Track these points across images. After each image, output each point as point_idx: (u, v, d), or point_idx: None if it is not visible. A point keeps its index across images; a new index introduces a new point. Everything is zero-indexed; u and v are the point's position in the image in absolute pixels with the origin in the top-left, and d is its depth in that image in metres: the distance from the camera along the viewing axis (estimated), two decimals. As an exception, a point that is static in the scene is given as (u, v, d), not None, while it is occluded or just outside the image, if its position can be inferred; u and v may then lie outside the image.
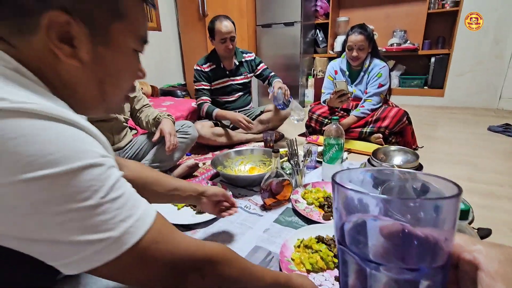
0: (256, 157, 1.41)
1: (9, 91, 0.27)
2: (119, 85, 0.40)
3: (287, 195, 1.05)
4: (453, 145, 1.72)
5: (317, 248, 0.72)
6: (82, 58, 0.34)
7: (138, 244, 0.31)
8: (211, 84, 1.80)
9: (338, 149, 1.13)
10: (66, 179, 0.27)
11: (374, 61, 1.70)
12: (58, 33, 0.31)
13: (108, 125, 1.11)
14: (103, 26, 0.35)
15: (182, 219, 0.95)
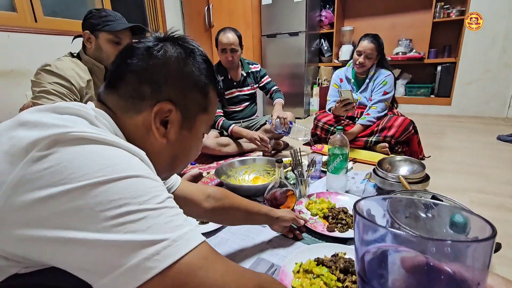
0: (260, 167, 1.40)
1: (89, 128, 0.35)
2: (186, 160, 0.50)
3: (291, 205, 1.04)
4: (461, 155, 1.69)
5: (318, 272, 0.67)
6: (170, 138, 0.43)
7: (191, 254, 0.31)
8: None
9: (343, 159, 1.12)
10: (126, 182, 0.31)
11: (380, 69, 1.71)
12: (161, 117, 0.41)
13: None
14: (192, 115, 0.45)
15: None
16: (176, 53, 0.42)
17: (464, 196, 1.14)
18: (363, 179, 1.32)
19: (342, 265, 0.65)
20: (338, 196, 1.10)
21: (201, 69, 0.44)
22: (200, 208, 0.70)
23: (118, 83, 0.42)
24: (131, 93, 0.41)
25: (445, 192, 1.16)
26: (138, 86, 0.41)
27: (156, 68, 0.41)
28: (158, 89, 0.41)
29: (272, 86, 1.92)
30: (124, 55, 0.42)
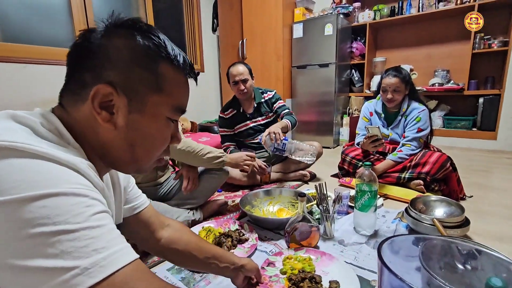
0: (286, 198, 1.39)
1: (24, 137, 0.33)
2: (149, 149, 0.44)
3: (313, 242, 1.00)
4: (509, 197, 1.52)
5: None
6: (118, 123, 0.40)
7: (108, 280, 0.30)
8: (234, 129, 1.87)
9: (371, 196, 1.07)
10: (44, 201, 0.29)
11: (413, 104, 1.65)
12: (100, 101, 0.38)
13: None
14: (141, 97, 0.40)
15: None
16: (115, 34, 0.39)
17: (510, 245, 1.02)
18: (395, 218, 1.24)
19: None
20: (331, 262, 0.89)
21: (145, 45, 0.40)
22: (155, 237, 0.62)
23: (67, 78, 0.41)
24: (75, 83, 0.40)
25: (489, 240, 1.05)
26: (79, 75, 0.39)
27: (93, 52, 0.39)
28: (98, 74, 0.38)
29: (284, 109, 1.85)
30: (69, 52, 0.41)
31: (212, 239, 1.06)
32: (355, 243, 1.05)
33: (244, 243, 1.06)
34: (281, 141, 1.53)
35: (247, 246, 1.04)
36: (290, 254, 0.93)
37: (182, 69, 0.43)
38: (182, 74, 0.44)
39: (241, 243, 1.06)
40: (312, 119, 3.15)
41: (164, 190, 1.29)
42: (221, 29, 3.37)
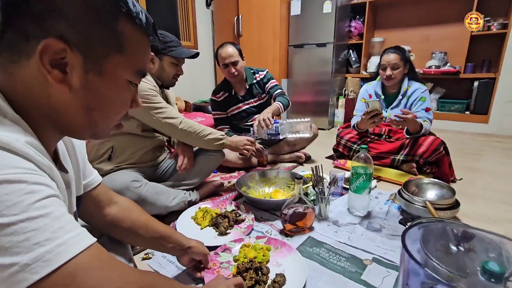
0: (281, 180, 1.40)
1: None
2: (108, 114, 0.40)
3: (308, 223, 1.03)
4: (498, 180, 1.57)
5: None
6: (73, 84, 0.35)
7: (57, 273, 0.28)
8: (227, 112, 1.83)
9: (366, 179, 1.09)
10: None
11: (414, 84, 1.62)
12: (51, 58, 0.33)
13: (150, 142, 1.19)
14: (99, 57, 0.36)
15: (204, 240, 0.96)
16: None
17: (498, 227, 1.06)
18: (387, 200, 1.27)
19: None
20: (289, 254, 0.87)
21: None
22: (102, 214, 0.60)
23: (2, 28, 0.33)
24: (14, 35, 0.33)
25: (477, 221, 1.09)
26: (20, 24, 0.33)
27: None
28: (44, 24, 0.32)
29: (276, 90, 1.76)
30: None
31: (209, 220, 1.08)
32: (349, 223, 1.08)
33: (241, 224, 1.08)
34: (272, 126, 1.48)
35: (243, 226, 1.06)
36: (249, 242, 0.92)
37: (145, 28, 0.39)
38: (144, 34, 0.39)
39: (238, 224, 1.07)
40: (308, 100, 3.13)
41: (161, 170, 1.28)
42: (216, 4, 3.22)
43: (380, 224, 1.08)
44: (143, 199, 0.98)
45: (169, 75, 1.21)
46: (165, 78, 1.21)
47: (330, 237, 0.99)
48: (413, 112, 1.58)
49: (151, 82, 1.13)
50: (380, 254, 0.89)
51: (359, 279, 0.79)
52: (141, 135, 1.16)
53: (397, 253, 0.90)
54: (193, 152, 1.27)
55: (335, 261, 0.87)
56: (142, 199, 0.98)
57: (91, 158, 1.10)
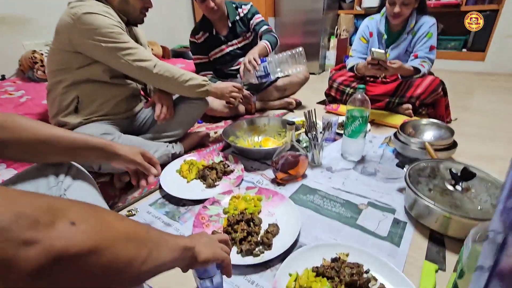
0: (272, 128, 1.31)
1: None
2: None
3: (301, 171, 0.97)
4: (492, 119, 1.54)
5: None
6: None
7: None
8: (209, 55, 1.61)
9: (362, 122, 1.01)
10: None
11: (422, 18, 1.43)
12: None
13: (121, 90, 1.04)
14: None
15: (191, 194, 0.90)
16: None
17: (493, 164, 1.04)
18: (382, 143, 1.23)
19: (348, 278, 0.56)
20: (281, 202, 0.83)
21: None
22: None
23: None
24: None
25: (472, 160, 1.06)
26: None
27: None
28: None
29: (262, 26, 1.53)
30: None
31: (196, 172, 1.01)
32: (342, 169, 1.04)
33: (230, 175, 1.02)
34: (260, 66, 1.30)
35: (232, 178, 1.00)
36: (239, 193, 0.87)
37: None
38: None
39: (227, 175, 1.01)
40: (297, 42, 2.88)
41: (139, 122, 1.16)
42: None
43: (375, 168, 1.04)
44: None
45: (135, 8, 1.00)
46: (131, 11, 1.01)
47: (323, 183, 0.95)
48: (415, 51, 1.45)
49: (114, 17, 0.94)
50: (375, 198, 0.86)
51: (354, 224, 0.76)
52: (110, 83, 1.01)
53: (393, 196, 0.87)
54: (173, 100, 1.14)
55: (330, 207, 0.83)
56: None
57: (56, 110, 0.96)
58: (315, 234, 0.73)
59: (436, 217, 0.68)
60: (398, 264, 0.63)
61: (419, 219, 0.74)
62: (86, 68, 0.95)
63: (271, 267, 0.64)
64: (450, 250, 0.67)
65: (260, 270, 0.64)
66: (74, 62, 0.94)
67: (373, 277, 0.59)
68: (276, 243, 0.69)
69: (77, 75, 0.95)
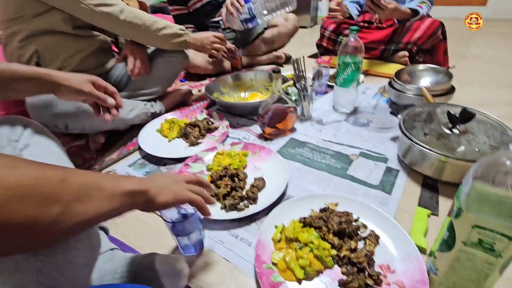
0: (259, 83, 1.23)
1: None
2: None
3: (290, 124, 0.91)
4: (491, 65, 1.46)
5: (305, 240, 0.51)
6: None
7: None
8: (188, 5, 1.44)
9: (355, 69, 0.93)
10: None
11: None
12: None
13: (88, 43, 0.93)
14: None
15: (173, 153, 0.85)
16: None
17: (492, 110, 0.98)
18: (375, 93, 1.16)
19: (337, 226, 0.52)
20: (268, 156, 0.77)
21: None
22: None
23: None
24: None
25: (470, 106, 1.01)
26: None
27: None
28: None
29: None
30: None
31: (177, 130, 0.94)
32: (334, 121, 0.98)
33: (214, 132, 0.95)
34: (244, 8, 1.15)
35: (217, 135, 0.94)
36: (223, 150, 0.81)
37: None
38: None
39: (211, 132, 0.95)
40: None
41: (113, 80, 1.06)
42: None
43: (368, 118, 0.98)
44: (85, 110, 0.79)
45: None
46: None
47: (313, 136, 0.90)
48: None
49: None
50: (367, 148, 0.82)
51: (345, 174, 0.72)
52: (73, 34, 0.89)
53: (386, 145, 0.83)
54: (148, 54, 1.03)
55: (320, 159, 0.79)
56: (84, 110, 0.79)
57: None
58: (304, 186, 0.70)
59: (431, 162, 0.64)
60: (389, 211, 0.60)
61: (412, 166, 0.70)
62: (43, 17, 0.83)
63: (256, 220, 0.61)
64: (444, 195, 0.64)
65: (245, 224, 0.60)
66: (28, 9, 0.81)
67: (362, 225, 0.56)
68: (262, 197, 0.65)
69: (34, 25, 0.83)
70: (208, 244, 0.57)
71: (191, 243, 0.53)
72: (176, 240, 0.52)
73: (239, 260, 0.53)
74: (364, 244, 0.52)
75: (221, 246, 0.56)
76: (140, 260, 0.48)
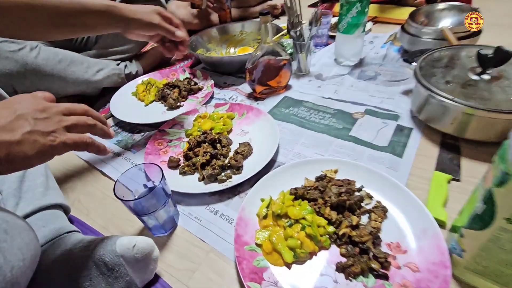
0: (250, 36, 1.07)
1: None
2: None
3: (284, 80, 0.78)
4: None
5: (296, 216, 0.41)
6: None
7: None
8: None
9: (361, 11, 0.77)
10: None
11: None
12: None
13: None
14: None
15: (148, 118, 0.74)
16: None
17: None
18: (385, 42, 1.00)
19: (335, 198, 0.43)
20: (257, 118, 0.66)
21: None
22: None
23: None
24: None
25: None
26: None
27: None
28: None
29: None
30: None
31: (155, 93, 0.82)
32: (335, 75, 0.84)
33: (198, 93, 0.83)
34: None
35: (200, 96, 0.81)
36: (205, 112, 0.71)
37: None
38: None
39: (194, 94, 0.83)
40: None
41: (79, 39, 0.92)
42: None
43: (375, 70, 0.84)
44: (34, 68, 0.67)
45: None
46: None
47: (311, 93, 0.77)
48: None
49: None
50: (374, 104, 0.69)
51: (347, 135, 0.61)
52: None
53: (396, 99, 0.70)
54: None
55: (318, 119, 0.67)
56: (33, 68, 0.67)
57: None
58: (297, 151, 0.59)
59: (454, 115, 0.52)
60: (400, 177, 0.50)
61: (429, 123, 0.58)
62: None
63: (240, 193, 0.51)
64: (468, 157, 0.53)
65: (227, 198, 0.51)
66: None
67: (367, 195, 0.46)
68: (247, 166, 0.55)
69: None
70: (182, 222, 0.48)
71: (159, 223, 0.44)
72: (141, 220, 0.43)
73: (217, 241, 0.44)
74: (368, 218, 0.43)
75: (197, 224, 0.47)
76: (99, 244, 0.39)
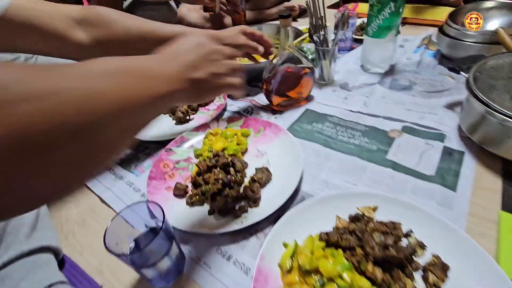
0: (265, 40, 0.98)
1: None
2: None
3: (305, 91, 0.69)
4: None
5: (331, 273, 0.32)
6: None
7: None
8: None
9: (394, 12, 0.68)
10: None
11: None
12: None
13: None
14: None
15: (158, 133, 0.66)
16: None
17: None
18: (418, 46, 0.89)
19: (379, 250, 0.33)
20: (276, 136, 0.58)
21: None
22: (67, 43, 0.45)
23: None
24: None
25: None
26: None
27: None
28: None
29: None
30: None
31: (163, 105, 0.75)
32: (363, 85, 0.74)
33: (209, 105, 0.75)
34: None
35: (212, 108, 0.74)
36: (218, 128, 0.62)
37: None
38: None
39: (204, 106, 0.75)
40: None
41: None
42: None
43: (410, 79, 0.74)
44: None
45: None
46: None
47: (337, 106, 0.68)
48: None
49: None
50: (413, 121, 0.59)
51: (383, 159, 0.51)
52: None
53: (440, 115, 0.60)
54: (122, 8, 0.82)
55: (346, 138, 0.58)
56: None
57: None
58: (324, 177, 0.50)
59: (524, 141, 0.42)
60: (456, 218, 0.40)
61: (486, 146, 0.48)
62: None
63: (257, 232, 0.43)
64: (541, 191, 0.42)
65: (242, 238, 0.43)
66: None
67: (417, 244, 0.36)
68: (266, 196, 0.47)
69: None
70: (188, 268, 0.40)
71: (160, 274, 0.36)
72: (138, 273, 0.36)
73: (230, 298, 0.36)
74: (422, 279, 0.33)
75: (206, 273, 0.39)
76: None
